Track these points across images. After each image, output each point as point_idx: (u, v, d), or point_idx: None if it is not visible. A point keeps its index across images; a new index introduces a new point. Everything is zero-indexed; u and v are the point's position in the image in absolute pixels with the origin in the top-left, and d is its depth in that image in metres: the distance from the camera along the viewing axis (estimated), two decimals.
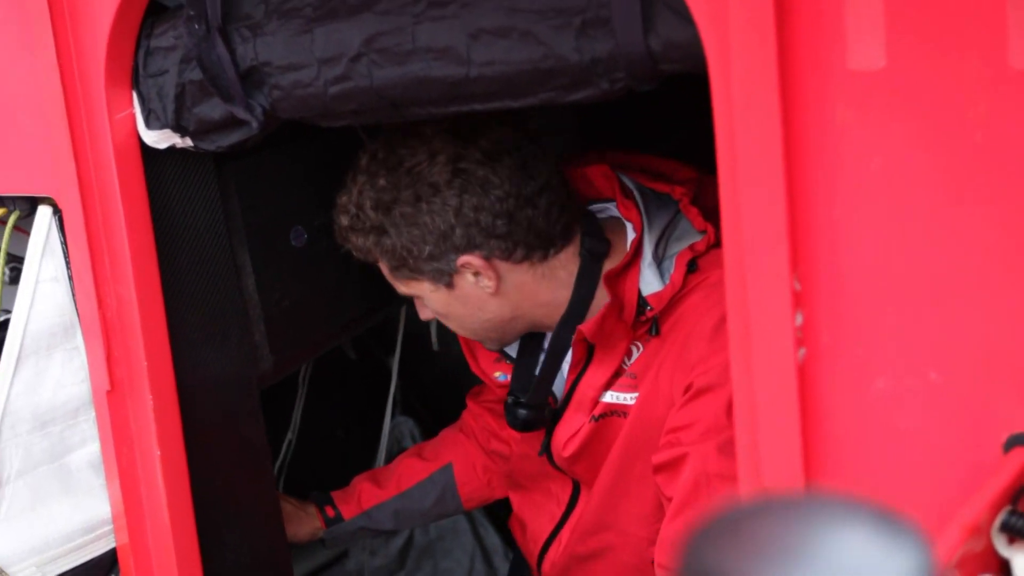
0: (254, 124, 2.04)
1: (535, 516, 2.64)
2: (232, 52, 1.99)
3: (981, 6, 1.41)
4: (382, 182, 2.22)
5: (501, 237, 2.22)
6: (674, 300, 2.24)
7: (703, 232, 2.26)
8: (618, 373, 2.31)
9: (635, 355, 2.29)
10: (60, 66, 2.08)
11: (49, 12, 2.05)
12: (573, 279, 2.30)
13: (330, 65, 1.92)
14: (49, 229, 2.20)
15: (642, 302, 2.24)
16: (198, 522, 2.35)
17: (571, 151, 2.62)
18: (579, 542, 2.53)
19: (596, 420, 2.35)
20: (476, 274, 2.26)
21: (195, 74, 2.04)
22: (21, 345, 2.20)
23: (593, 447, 2.39)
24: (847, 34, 1.47)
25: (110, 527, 2.33)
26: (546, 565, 2.61)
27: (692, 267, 2.24)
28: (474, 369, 2.61)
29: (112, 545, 2.35)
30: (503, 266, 2.26)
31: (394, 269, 2.30)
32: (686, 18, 1.60)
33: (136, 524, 2.31)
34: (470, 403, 2.84)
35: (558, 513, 2.58)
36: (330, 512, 2.79)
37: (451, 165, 2.19)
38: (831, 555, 0.67)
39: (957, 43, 1.43)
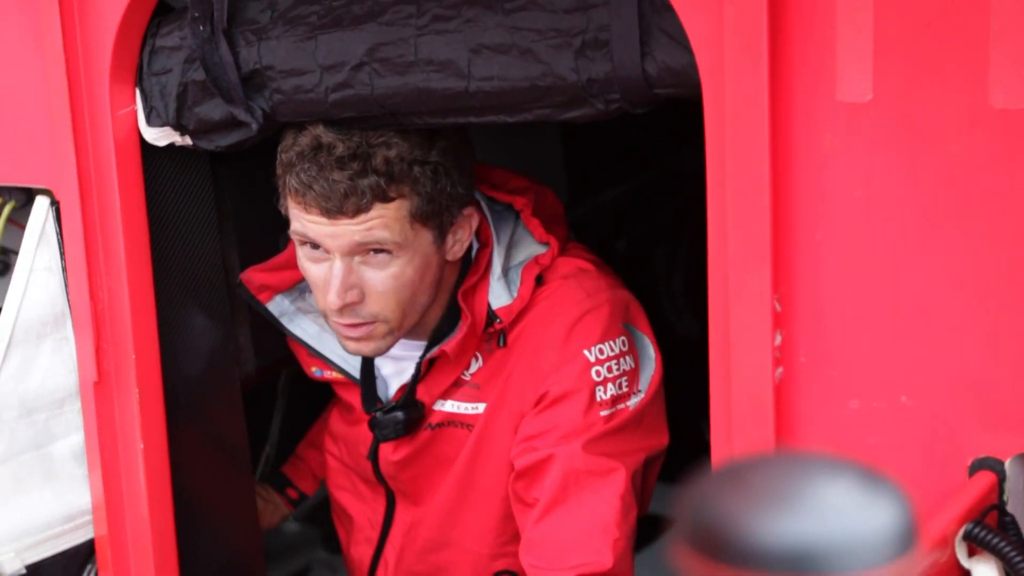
0: (254, 126, 2.08)
1: (349, 545, 2.61)
2: (236, 55, 2.04)
3: (965, 46, 1.47)
4: (419, 135, 2.11)
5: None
6: (520, 312, 2.24)
7: (545, 244, 2.27)
8: (457, 383, 2.29)
9: (475, 366, 2.28)
10: (66, 60, 2.11)
11: (59, 7, 2.09)
12: (452, 285, 2.27)
13: (332, 72, 1.97)
14: (46, 220, 2.23)
15: (491, 314, 2.23)
16: (177, 517, 2.37)
17: (551, 159, 2.65)
18: (417, 560, 2.47)
19: (432, 428, 2.34)
20: (457, 232, 2.19)
21: (198, 74, 2.08)
22: (12, 332, 2.23)
23: (425, 456, 2.36)
24: (837, 67, 1.54)
25: (89, 518, 2.35)
26: None
27: (539, 281, 2.24)
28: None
29: (90, 535, 2.36)
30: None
31: (419, 212, 2.11)
32: (683, 44, 1.66)
33: (115, 516, 2.33)
34: None
35: (374, 537, 2.54)
36: (293, 494, 2.81)
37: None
38: (824, 501, 0.73)
39: (941, 81, 1.49)
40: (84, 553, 2.37)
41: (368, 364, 2.38)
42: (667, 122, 2.35)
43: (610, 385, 2.15)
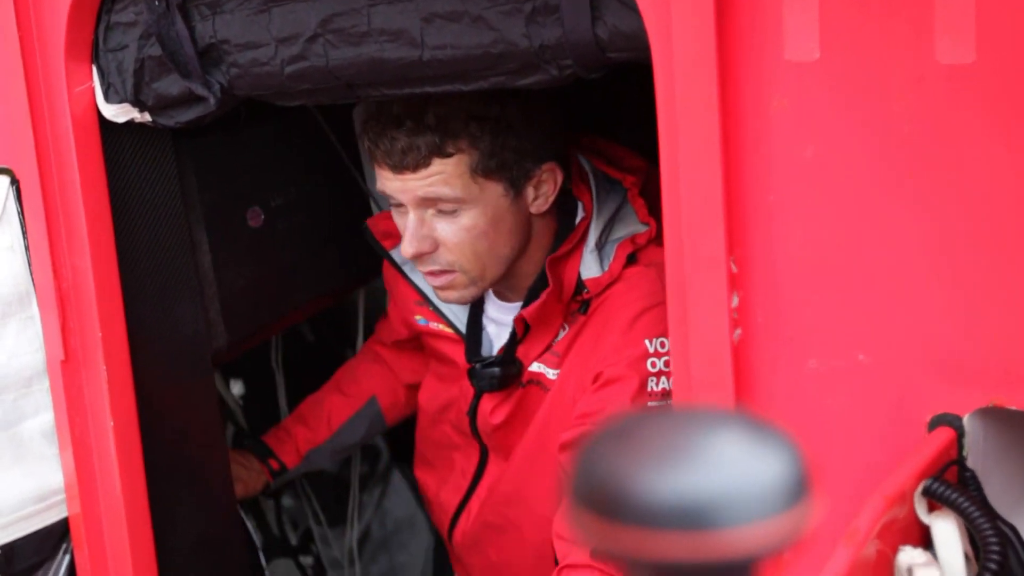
0: (212, 101, 2.07)
1: (441, 489, 2.69)
2: (191, 29, 2.03)
3: (911, 2, 1.47)
4: (479, 92, 2.11)
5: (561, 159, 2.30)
6: (607, 285, 2.30)
7: (646, 224, 2.32)
8: (548, 347, 2.38)
9: (561, 334, 2.36)
10: (20, 38, 2.10)
11: None
12: (546, 250, 2.35)
13: (287, 44, 1.96)
14: (6, 199, 2.22)
15: (580, 284, 2.31)
16: (150, 494, 2.38)
17: None
18: (492, 511, 2.58)
19: (523, 386, 2.43)
20: (539, 185, 2.28)
21: (154, 50, 2.07)
22: None
23: (516, 414, 2.45)
24: (784, 26, 1.53)
25: (62, 496, 2.36)
26: (457, 535, 2.68)
27: (631, 259, 2.32)
28: (390, 310, 2.71)
29: (64, 515, 2.37)
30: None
31: (480, 164, 2.20)
32: (632, 8, 1.66)
33: (88, 494, 2.34)
34: (380, 349, 2.88)
35: (464, 485, 2.63)
36: (275, 465, 2.84)
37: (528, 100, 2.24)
38: (712, 454, 0.73)
39: (888, 38, 1.49)
40: (58, 532, 2.37)
41: (475, 320, 2.49)
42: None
43: (664, 379, 2.20)
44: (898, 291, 1.57)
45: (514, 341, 2.40)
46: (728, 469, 0.73)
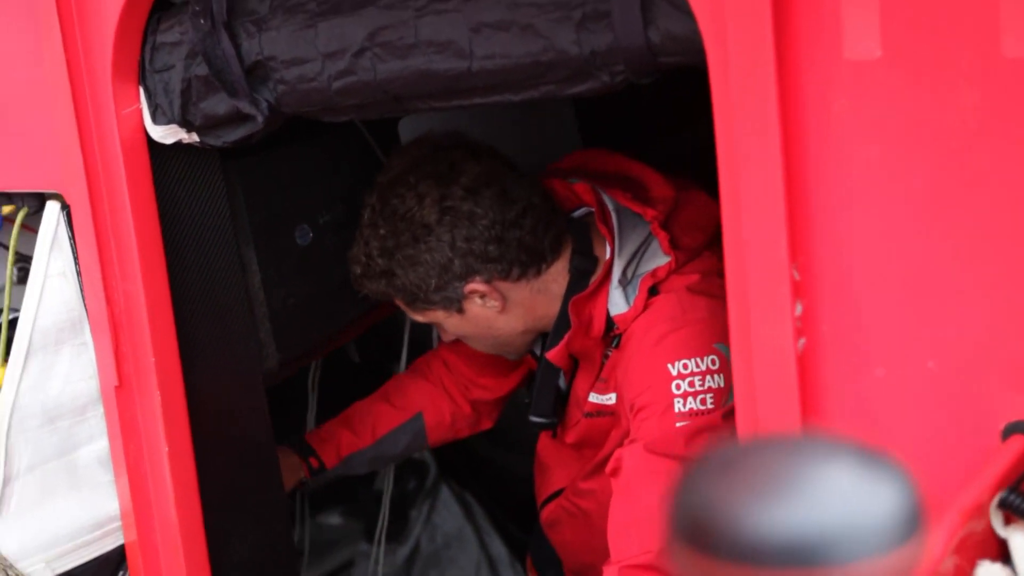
0: (259, 119, 2.05)
1: (559, 467, 2.76)
2: (237, 47, 2.01)
3: None
4: (382, 231, 2.41)
5: (495, 260, 2.40)
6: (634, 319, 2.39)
7: (668, 256, 2.37)
8: (597, 377, 2.48)
9: (604, 362, 2.47)
10: (67, 61, 2.10)
11: (56, 8, 2.07)
12: (562, 293, 2.45)
13: (334, 59, 1.94)
14: (57, 224, 2.21)
15: (610, 321, 2.39)
16: (205, 519, 2.36)
17: (568, 150, 2.67)
18: (568, 499, 2.71)
19: (588, 416, 2.53)
20: (482, 296, 2.44)
21: (201, 69, 2.06)
22: (30, 340, 2.21)
23: (590, 438, 2.57)
24: (843, 24, 1.48)
25: (118, 523, 2.34)
26: (544, 512, 2.81)
27: (652, 292, 2.36)
28: None
29: (120, 542, 2.36)
30: (504, 286, 2.44)
31: (409, 303, 2.49)
32: (685, 11, 1.62)
33: (144, 521, 2.32)
34: (447, 354, 2.96)
35: (576, 473, 2.70)
36: (314, 463, 2.87)
37: (438, 205, 2.37)
38: (821, 487, 0.68)
39: (951, 33, 1.44)
40: (115, 559, 2.36)
41: (540, 373, 2.61)
42: (686, 93, 2.32)
43: (691, 399, 2.24)
44: (968, 295, 1.52)
45: (556, 386, 2.57)
46: (840, 504, 0.68)
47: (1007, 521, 1.48)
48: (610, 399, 2.46)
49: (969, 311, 1.52)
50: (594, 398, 2.49)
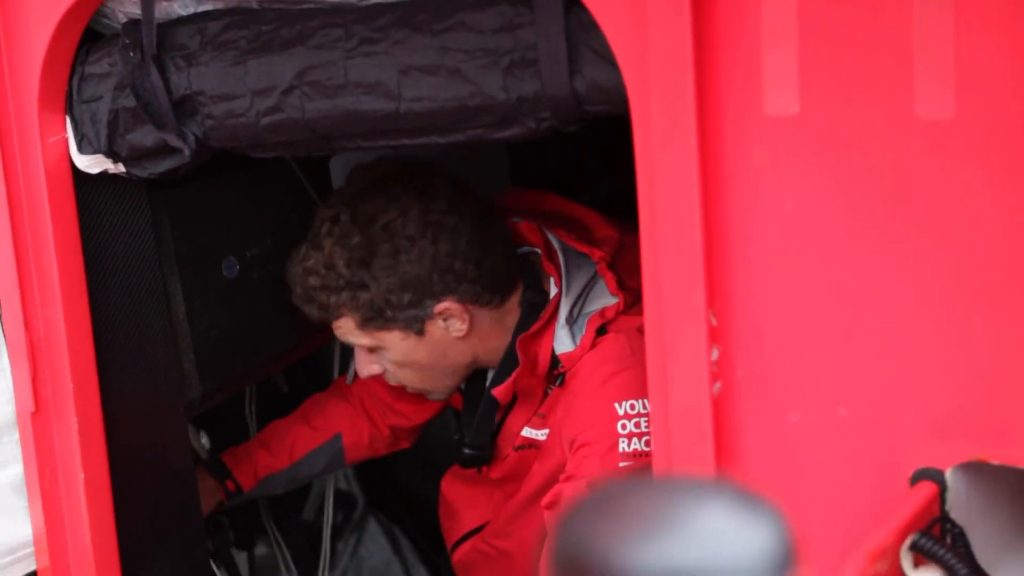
0: (186, 152, 2.06)
1: (464, 509, 2.76)
2: (166, 80, 2.02)
3: (890, 58, 1.47)
4: (356, 240, 2.33)
5: (472, 281, 2.36)
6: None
7: (616, 297, 2.39)
8: (535, 413, 2.48)
9: (544, 399, 2.46)
10: None
11: None
12: (514, 327, 2.44)
13: (262, 96, 1.95)
14: None
15: (555, 359, 2.39)
16: (121, 546, 2.34)
17: (499, 188, 2.69)
18: (486, 542, 2.68)
19: (517, 450, 2.53)
20: (447, 319, 2.38)
21: (129, 101, 2.06)
22: None
23: (516, 472, 2.56)
24: (763, 80, 1.53)
25: (31, 549, 2.32)
26: (457, 554, 2.77)
27: (601, 332, 2.37)
28: None
29: (33, 567, 2.33)
30: (473, 309, 2.40)
31: (366, 321, 2.39)
32: (610, 61, 1.65)
33: (57, 547, 2.30)
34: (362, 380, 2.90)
35: (487, 515, 2.70)
36: (231, 487, 2.85)
37: (424, 217, 2.32)
38: (695, 528, 0.72)
39: (867, 92, 1.49)
40: None
41: (469, 392, 2.59)
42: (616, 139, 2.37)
43: (635, 440, 2.26)
44: (880, 345, 1.57)
45: (495, 421, 2.54)
46: (711, 543, 0.71)
47: (916, 563, 1.52)
48: (543, 434, 2.47)
49: (880, 360, 1.57)
50: (527, 432, 2.50)
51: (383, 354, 2.45)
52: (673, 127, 1.56)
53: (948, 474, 1.54)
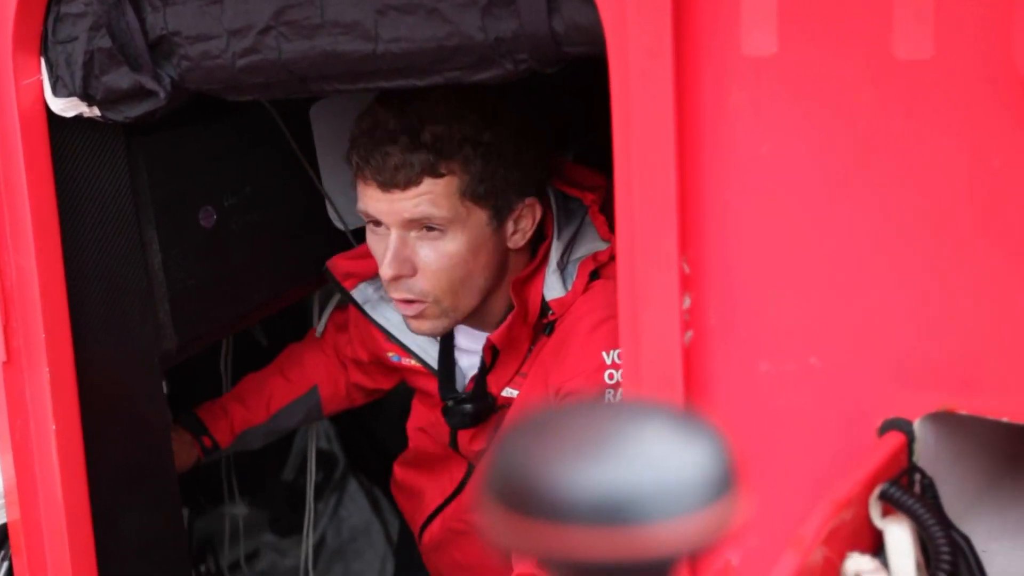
0: (162, 94, 2.03)
1: (427, 488, 2.70)
2: (142, 21, 1.99)
3: None
4: (485, 104, 2.23)
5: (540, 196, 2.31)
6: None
7: (607, 242, 2.34)
8: (517, 371, 2.40)
9: (527, 356, 2.38)
10: None
11: None
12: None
13: (239, 37, 1.92)
14: None
15: (544, 306, 2.32)
16: (92, 499, 2.32)
17: None
18: (457, 519, 2.62)
19: (498, 411, 2.46)
20: (519, 220, 2.30)
21: (104, 42, 2.03)
22: None
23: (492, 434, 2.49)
24: (742, 20, 1.50)
25: (1, 501, 2.30)
26: (426, 536, 2.70)
27: (594, 276, 2.33)
28: (353, 336, 2.75)
29: (3, 520, 2.32)
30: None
31: (470, 190, 2.21)
32: (588, 1, 1.63)
33: (28, 499, 2.28)
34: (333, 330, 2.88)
35: (449, 489, 2.64)
36: (207, 443, 2.82)
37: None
38: (632, 448, 0.69)
39: (845, 33, 1.46)
40: None
41: (446, 354, 2.50)
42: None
43: (622, 390, 2.20)
44: (852, 293, 1.54)
45: (483, 371, 2.42)
46: (648, 462, 0.69)
47: (884, 513, 1.50)
48: (516, 392, 2.41)
49: (852, 308, 1.54)
50: (507, 392, 2.43)
51: (439, 244, 2.23)
52: (649, 67, 1.54)
53: (916, 424, 1.52)
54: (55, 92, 2.12)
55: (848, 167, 1.50)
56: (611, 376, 2.20)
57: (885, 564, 1.45)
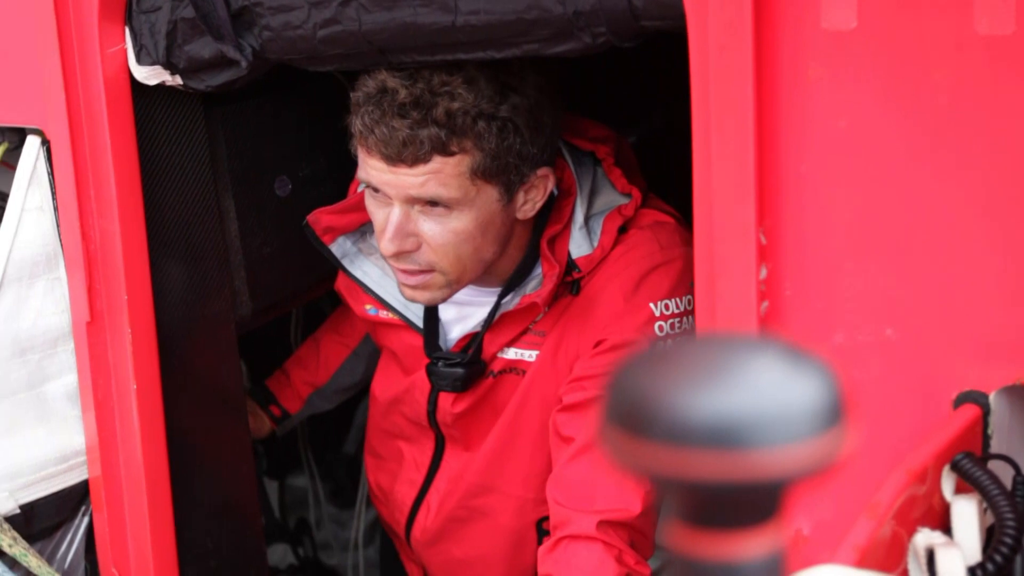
0: (243, 64, 2.07)
1: (394, 486, 2.61)
2: None
3: None
4: (500, 77, 2.06)
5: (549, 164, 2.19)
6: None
7: (626, 194, 2.26)
8: (525, 330, 2.29)
9: (540, 316, 2.26)
10: None
11: None
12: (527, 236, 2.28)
13: (320, 8, 1.96)
14: (37, 159, 2.22)
15: (570, 263, 2.22)
16: (170, 459, 2.38)
17: None
18: (458, 505, 2.48)
19: (494, 376, 2.34)
20: (530, 191, 2.16)
21: (187, 12, 2.07)
22: (4, 272, 2.23)
23: (483, 404, 2.37)
24: None
25: (83, 458, 2.36)
26: (416, 533, 2.58)
27: (622, 231, 2.24)
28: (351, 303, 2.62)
29: (85, 476, 2.37)
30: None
31: (482, 168, 2.07)
32: None
33: (109, 456, 2.34)
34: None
35: (419, 479, 2.55)
36: (276, 412, 2.83)
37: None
38: (746, 377, 0.73)
39: (926, 7, 1.47)
40: (79, 493, 2.38)
41: (432, 308, 2.37)
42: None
43: (671, 342, 2.11)
44: (929, 266, 1.56)
45: (483, 329, 2.29)
46: (763, 390, 0.72)
47: (957, 489, 1.52)
48: (532, 356, 2.27)
49: (928, 281, 1.56)
50: (511, 353, 2.29)
51: (446, 220, 2.11)
52: (729, 41, 1.55)
53: (992, 397, 1.53)
54: (139, 60, 2.16)
55: (928, 140, 1.51)
56: (660, 328, 2.15)
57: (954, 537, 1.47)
